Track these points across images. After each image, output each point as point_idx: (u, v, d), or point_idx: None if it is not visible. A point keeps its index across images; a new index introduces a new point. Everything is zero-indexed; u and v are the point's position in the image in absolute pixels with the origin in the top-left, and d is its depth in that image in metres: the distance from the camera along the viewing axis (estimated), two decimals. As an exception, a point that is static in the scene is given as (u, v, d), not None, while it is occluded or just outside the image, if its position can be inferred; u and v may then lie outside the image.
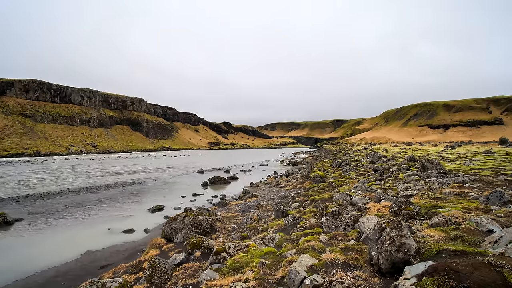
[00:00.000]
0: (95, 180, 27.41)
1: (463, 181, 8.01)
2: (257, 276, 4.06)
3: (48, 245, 10.13)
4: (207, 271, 5.02)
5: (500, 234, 3.30)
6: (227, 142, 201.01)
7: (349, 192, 9.21)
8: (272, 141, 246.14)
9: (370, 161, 19.62)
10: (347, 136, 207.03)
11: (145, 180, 27.90)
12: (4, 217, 12.39)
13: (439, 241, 3.50)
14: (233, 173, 34.36)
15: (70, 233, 11.49)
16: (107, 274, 7.40)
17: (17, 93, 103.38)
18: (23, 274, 7.82)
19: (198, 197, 19.23)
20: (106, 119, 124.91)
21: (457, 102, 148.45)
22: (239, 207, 13.97)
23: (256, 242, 6.16)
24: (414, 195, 6.96)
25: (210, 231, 9.45)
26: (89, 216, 14.01)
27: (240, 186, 23.39)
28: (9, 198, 17.98)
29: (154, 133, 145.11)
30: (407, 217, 4.87)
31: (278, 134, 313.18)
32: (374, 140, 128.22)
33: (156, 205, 15.76)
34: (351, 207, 6.82)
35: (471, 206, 5.21)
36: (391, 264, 3.17)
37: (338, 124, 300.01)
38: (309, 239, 5.12)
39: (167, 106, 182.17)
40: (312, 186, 15.60)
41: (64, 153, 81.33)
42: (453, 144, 50.47)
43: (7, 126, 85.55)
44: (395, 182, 10.14)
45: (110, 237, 10.98)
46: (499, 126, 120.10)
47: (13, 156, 68.51)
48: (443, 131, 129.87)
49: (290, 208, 10.58)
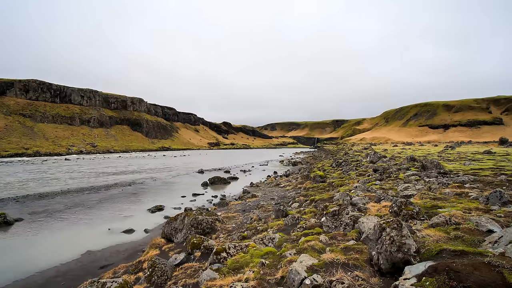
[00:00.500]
0: (95, 180, 27.41)
1: (463, 181, 8.01)
2: (257, 276, 4.06)
3: (48, 245, 10.13)
4: (207, 271, 5.02)
5: (500, 234, 3.30)
6: (227, 142, 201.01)
7: (349, 192, 9.21)
8: (272, 141, 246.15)
9: (370, 161, 19.62)
10: (347, 136, 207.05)
11: (145, 180, 27.89)
12: (4, 217, 12.39)
13: (439, 241, 3.50)
14: (233, 173, 34.36)
15: (70, 233, 11.49)
16: (107, 274, 7.40)
17: (17, 93, 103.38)
18: (23, 274, 7.82)
19: (198, 197, 19.23)
20: (106, 119, 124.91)
21: (457, 102, 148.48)
22: (239, 207, 13.96)
23: (256, 242, 6.16)
24: (414, 195, 6.96)
25: (210, 231, 9.45)
26: (89, 216, 14.01)
27: (240, 186, 23.39)
28: (9, 198, 17.98)
29: (154, 133, 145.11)
30: (407, 217, 4.87)
31: (278, 134, 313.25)
32: (374, 140, 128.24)
33: (156, 205, 15.76)
34: (351, 207, 6.82)
35: (471, 206, 5.20)
36: (391, 264, 3.17)
37: (338, 124, 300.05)
38: (309, 239, 5.12)
39: (167, 106, 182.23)
40: (312, 186, 15.60)
41: (64, 153, 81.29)
42: (453, 144, 50.48)
43: (7, 126, 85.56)
44: (395, 182, 10.14)
45: (110, 237, 10.98)
46: (499, 126, 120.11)
47: (13, 156, 68.49)
48: (443, 131, 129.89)
49: (290, 208, 10.58)
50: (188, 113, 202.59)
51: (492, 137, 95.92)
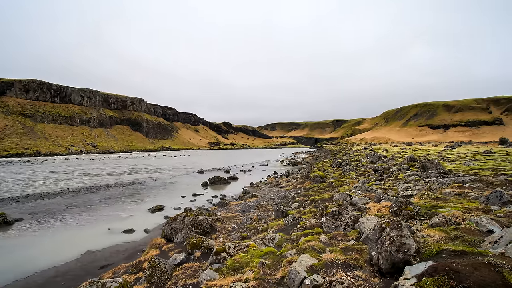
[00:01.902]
0: (95, 180, 27.41)
1: (463, 181, 8.01)
2: (257, 276, 4.06)
3: (48, 245, 10.13)
4: (207, 271, 5.02)
5: (500, 234, 3.30)
6: (227, 142, 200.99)
7: (349, 192, 9.21)
8: (272, 141, 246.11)
9: (370, 161, 19.61)
10: (347, 136, 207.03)
11: (145, 180, 27.89)
12: (4, 217, 12.39)
13: (439, 241, 3.50)
14: (233, 173, 34.36)
15: (70, 233, 11.49)
16: (107, 274, 7.39)
17: (17, 93, 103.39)
18: (23, 274, 7.82)
19: (198, 197, 19.22)
20: (106, 119, 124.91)
21: (457, 102, 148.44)
22: (239, 207, 13.96)
23: (256, 242, 6.16)
24: (414, 195, 6.96)
25: (210, 231, 9.45)
26: (89, 216, 14.01)
27: (240, 186, 23.39)
28: (9, 198, 17.98)
29: (154, 133, 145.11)
30: (407, 217, 4.86)
31: (278, 134, 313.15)
32: (374, 140, 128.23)
33: (156, 205, 15.76)
34: (351, 207, 6.82)
35: (471, 206, 5.20)
36: (391, 264, 3.17)
37: (338, 124, 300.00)
38: (309, 239, 5.12)
39: (167, 106, 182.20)
40: (312, 186, 15.59)
41: (64, 153, 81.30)
42: (453, 144, 50.47)
43: (7, 126, 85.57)
44: (395, 182, 10.14)
45: (110, 237, 10.98)
46: (499, 126, 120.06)
47: (13, 156, 68.51)
48: (443, 131, 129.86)
49: (290, 208, 10.58)
50: (188, 113, 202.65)
51: (492, 137, 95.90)
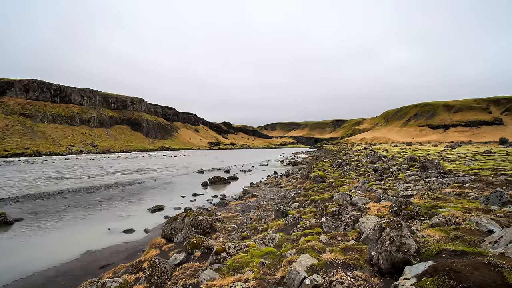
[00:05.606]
0: (95, 180, 27.41)
1: (463, 181, 8.01)
2: (257, 276, 4.06)
3: (48, 245, 10.13)
4: (207, 271, 5.02)
5: (500, 234, 3.30)
6: (227, 142, 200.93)
7: (349, 192, 9.21)
8: (272, 141, 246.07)
9: (370, 161, 19.62)
10: (347, 136, 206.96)
11: (145, 180, 27.90)
12: (4, 217, 12.39)
13: (439, 241, 3.50)
14: (233, 173, 34.36)
15: (70, 233, 11.49)
16: (107, 274, 7.40)
17: (17, 93, 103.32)
18: (23, 274, 7.82)
19: (198, 197, 19.23)
20: (106, 119, 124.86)
21: (457, 102, 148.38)
22: (239, 207, 13.97)
23: (256, 242, 6.16)
24: (414, 195, 6.96)
25: (210, 231, 9.45)
26: (89, 216, 14.01)
27: (240, 186, 23.39)
28: (9, 198, 17.98)
29: (154, 133, 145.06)
30: (407, 217, 4.86)
31: (278, 134, 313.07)
32: (374, 140, 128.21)
33: (156, 205, 15.76)
34: (351, 207, 6.82)
35: (471, 206, 5.20)
36: (391, 264, 3.17)
37: (338, 124, 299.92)
38: (309, 239, 5.12)
39: (167, 106, 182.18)
40: (312, 186, 15.59)
41: (64, 153, 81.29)
42: (453, 144, 50.47)
43: (7, 126, 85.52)
44: (395, 182, 10.14)
45: (110, 237, 10.98)
46: (499, 126, 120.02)
47: (13, 156, 68.49)
48: (443, 131, 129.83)
49: (290, 208, 10.58)
50: (188, 113, 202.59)
51: (492, 137, 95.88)
